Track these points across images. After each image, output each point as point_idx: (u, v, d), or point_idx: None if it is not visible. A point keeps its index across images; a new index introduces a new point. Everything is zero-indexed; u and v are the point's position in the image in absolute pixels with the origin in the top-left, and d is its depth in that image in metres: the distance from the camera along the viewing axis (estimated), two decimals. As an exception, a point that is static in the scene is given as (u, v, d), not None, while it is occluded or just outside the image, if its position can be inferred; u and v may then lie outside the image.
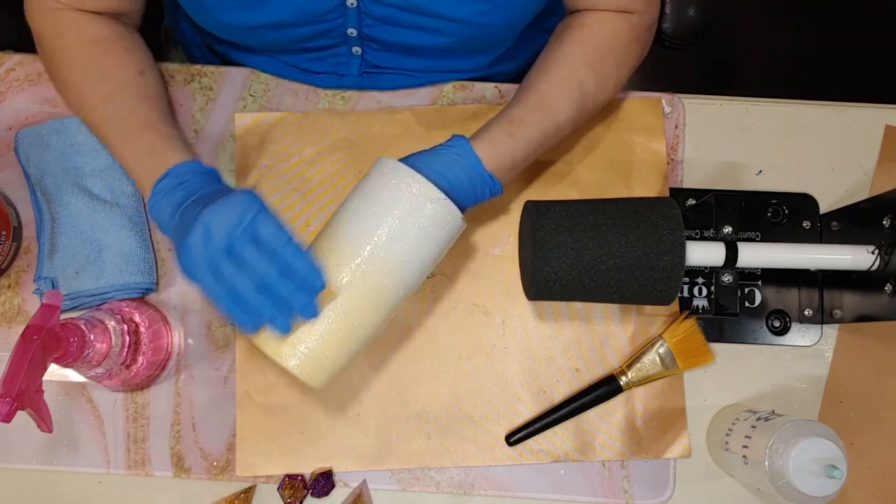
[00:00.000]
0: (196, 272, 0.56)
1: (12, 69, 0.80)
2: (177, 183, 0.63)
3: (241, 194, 0.57)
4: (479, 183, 0.65)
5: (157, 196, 0.63)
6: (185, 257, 0.56)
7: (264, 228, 0.56)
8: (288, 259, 0.56)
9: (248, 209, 0.56)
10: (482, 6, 0.67)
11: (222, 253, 0.55)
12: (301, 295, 0.56)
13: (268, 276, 0.55)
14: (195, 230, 0.55)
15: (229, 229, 0.55)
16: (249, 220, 0.55)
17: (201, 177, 0.64)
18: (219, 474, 0.74)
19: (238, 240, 0.55)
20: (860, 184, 0.80)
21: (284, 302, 0.56)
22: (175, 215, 0.61)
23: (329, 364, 0.61)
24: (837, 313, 0.75)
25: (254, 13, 0.67)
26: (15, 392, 0.55)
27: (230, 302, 0.56)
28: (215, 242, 0.55)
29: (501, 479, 0.74)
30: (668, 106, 0.81)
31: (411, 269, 0.61)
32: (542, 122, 0.67)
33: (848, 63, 1.67)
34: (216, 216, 0.55)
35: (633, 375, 0.73)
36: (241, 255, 0.55)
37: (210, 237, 0.55)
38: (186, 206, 0.61)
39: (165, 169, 0.64)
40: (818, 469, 0.62)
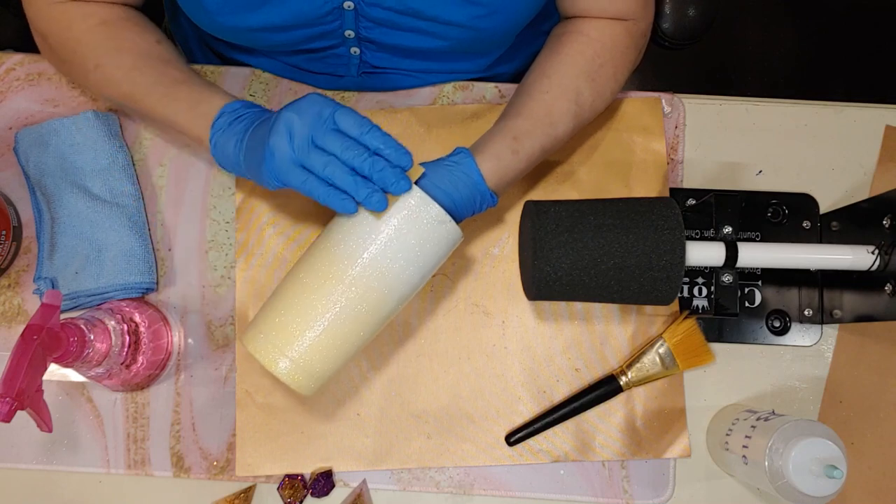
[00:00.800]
0: (286, 170, 0.58)
1: (12, 69, 0.80)
2: (234, 118, 0.64)
3: (314, 95, 0.59)
4: (479, 199, 0.66)
5: (217, 134, 0.64)
6: (270, 160, 0.58)
7: (344, 119, 0.58)
8: (373, 142, 0.58)
9: (326, 105, 0.58)
10: (479, 10, 0.67)
11: (308, 147, 0.57)
12: (392, 170, 0.57)
13: (357, 160, 0.57)
14: (277, 132, 0.57)
15: (311, 124, 0.57)
16: (329, 114, 0.58)
17: (256, 109, 0.65)
18: (219, 474, 0.74)
19: (321, 132, 0.57)
20: (860, 184, 0.80)
21: (377, 180, 0.57)
22: (241, 143, 0.63)
23: (318, 371, 0.60)
24: (837, 313, 0.75)
25: (252, 16, 0.67)
26: (15, 392, 0.55)
27: (325, 190, 0.57)
28: (299, 139, 0.57)
29: (501, 479, 0.74)
30: (668, 106, 0.81)
31: (406, 281, 0.61)
32: (543, 137, 0.68)
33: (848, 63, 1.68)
34: (296, 115, 0.58)
35: (633, 375, 0.73)
36: (328, 145, 0.57)
37: (293, 135, 0.57)
38: (253, 128, 0.62)
39: (217, 110, 0.65)
40: (818, 469, 0.62)
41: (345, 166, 0.57)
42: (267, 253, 0.76)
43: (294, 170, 0.58)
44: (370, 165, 0.57)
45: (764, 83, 1.67)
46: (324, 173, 0.57)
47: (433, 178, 0.64)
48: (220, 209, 0.78)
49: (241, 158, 0.63)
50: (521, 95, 0.70)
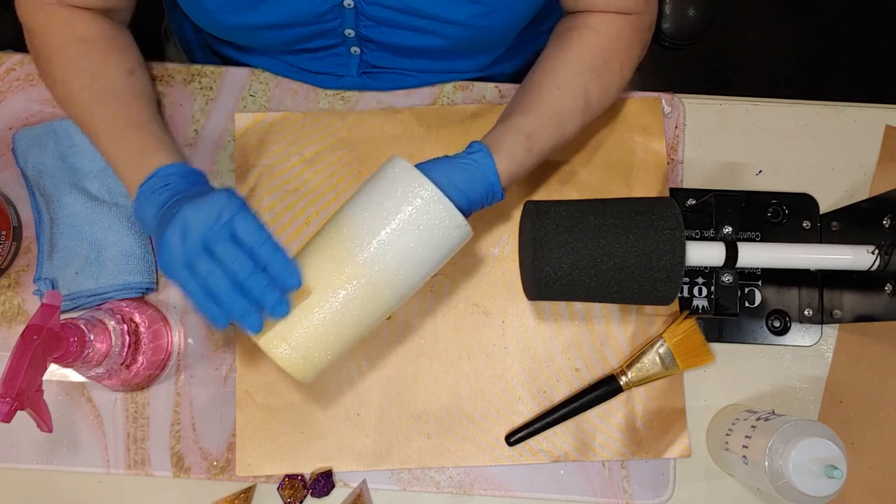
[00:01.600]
0: (172, 268, 0.56)
1: (12, 69, 0.80)
2: (162, 184, 0.63)
3: (221, 193, 0.57)
4: (490, 197, 0.66)
5: (142, 196, 0.63)
6: (162, 253, 0.57)
7: (242, 227, 0.56)
8: (264, 257, 0.56)
9: (227, 207, 0.56)
10: (479, 8, 0.67)
11: (199, 249, 0.56)
12: (273, 292, 0.55)
13: (241, 274, 0.55)
14: (173, 226, 0.56)
15: (206, 226, 0.55)
16: (227, 219, 0.56)
17: (187, 178, 0.64)
18: (219, 474, 0.74)
19: (215, 237, 0.56)
20: (860, 184, 0.80)
21: (256, 299, 0.56)
22: (157, 215, 0.61)
23: (317, 359, 0.60)
24: (837, 313, 0.75)
25: (252, 14, 0.67)
26: (15, 392, 0.55)
27: (202, 297, 0.56)
28: (191, 239, 0.55)
29: (501, 479, 0.74)
30: (668, 106, 0.81)
31: (411, 275, 0.60)
32: (554, 136, 0.68)
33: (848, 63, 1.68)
34: (194, 213, 0.56)
35: (633, 375, 0.73)
36: (217, 252, 0.56)
37: (187, 234, 0.56)
38: (168, 205, 0.61)
39: (152, 169, 0.64)
40: (818, 469, 0.62)
41: (228, 278, 0.55)
42: (267, 253, 0.76)
43: (181, 269, 0.56)
44: (253, 283, 0.55)
45: (764, 83, 1.67)
46: (207, 280, 0.56)
47: (451, 175, 0.63)
48: (220, 209, 0.78)
49: (153, 231, 0.62)
50: (530, 91, 0.70)
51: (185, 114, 0.80)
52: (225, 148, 0.79)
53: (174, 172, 0.64)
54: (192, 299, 0.56)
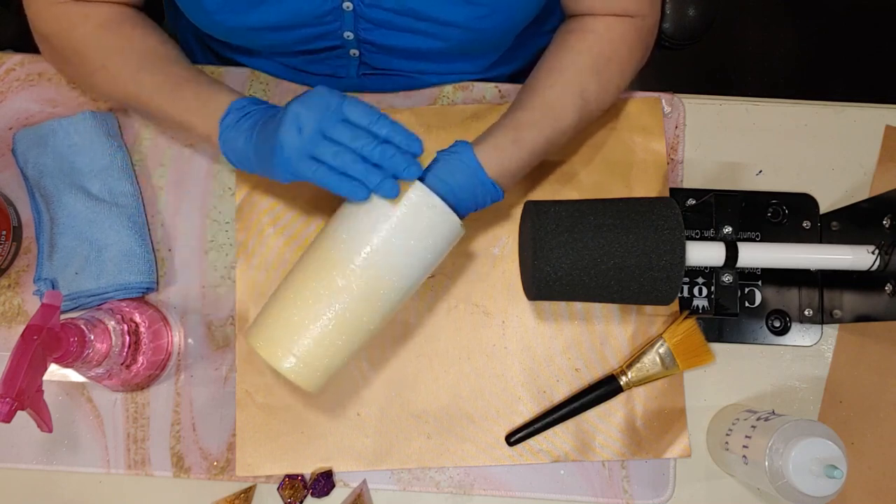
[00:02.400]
0: (296, 162, 0.59)
1: (12, 69, 0.80)
2: (242, 115, 0.65)
3: (323, 87, 0.59)
4: (480, 190, 0.65)
5: (226, 131, 0.65)
6: (281, 153, 0.59)
7: (352, 109, 0.59)
8: (382, 131, 0.58)
9: (334, 95, 0.59)
10: (478, 10, 0.67)
11: (318, 138, 0.58)
12: (403, 158, 0.58)
13: (366, 149, 0.58)
14: (286, 125, 0.58)
15: (319, 116, 0.58)
16: (336, 105, 0.58)
17: (263, 105, 0.66)
18: (219, 474, 0.74)
19: (330, 123, 0.58)
20: (860, 184, 0.80)
21: (388, 167, 0.58)
22: (251, 140, 0.63)
23: (323, 368, 0.60)
24: (837, 313, 0.75)
25: (251, 15, 0.67)
26: (15, 392, 0.55)
27: (336, 179, 0.58)
28: (308, 130, 0.58)
29: (501, 479, 0.74)
30: (668, 106, 0.81)
31: (407, 275, 0.61)
32: (546, 129, 0.68)
33: (848, 63, 1.68)
34: (304, 108, 0.58)
35: (633, 375, 0.73)
36: (336, 136, 0.58)
37: (302, 127, 0.58)
38: (261, 124, 0.63)
39: (224, 108, 0.65)
40: (818, 469, 0.62)
41: (355, 155, 0.58)
42: (267, 253, 0.76)
43: (305, 161, 0.58)
44: (380, 153, 0.58)
45: (764, 83, 1.67)
46: (334, 163, 0.58)
47: (430, 167, 0.65)
48: (220, 209, 0.78)
49: (252, 154, 0.64)
50: (526, 91, 0.70)
51: (185, 114, 0.80)
52: (225, 148, 0.79)
53: (248, 102, 0.66)
54: (325, 183, 0.59)
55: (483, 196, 0.66)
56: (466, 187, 0.64)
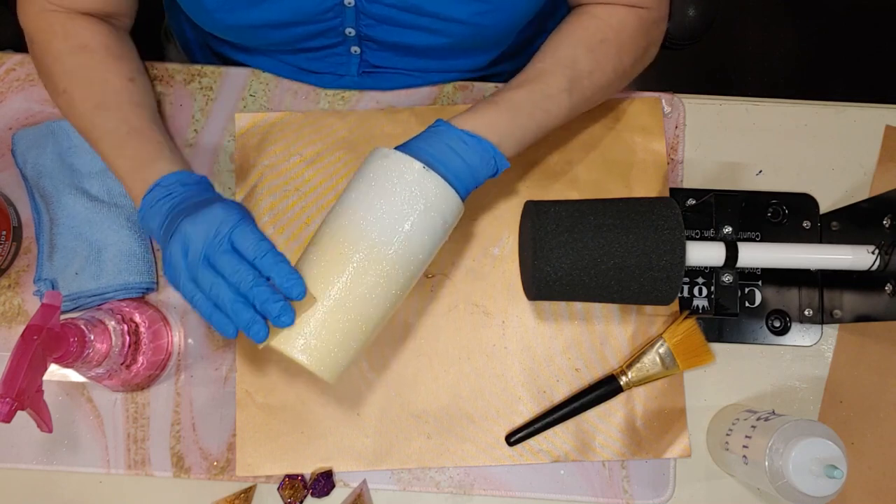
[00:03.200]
0: (177, 280, 0.58)
1: (12, 69, 0.80)
2: (165, 194, 0.63)
3: (220, 206, 0.58)
4: (458, 146, 0.62)
5: (145, 207, 0.64)
6: (167, 267, 0.58)
7: (241, 239, 0.57)
8: (266, 268, 0.56)
9: (225, 221, 0.57)
10: (480, 6, 0.67)
11: (200, 264, 0.57)
12: (276, 302, 0.55)
13: (243, 285, 0.56)
14: (174, 242, 0.57)
15: (206, 241, 0.57)
16: (226, 232, 0.57)
17: (189, 186, 0.64)
18: (219, 474, 0.74)
19: (215, 251, 0.56)
20: (860, 184, 0.80)
21: (262, 308, 0.56)
22: (162, 226, 0.62)
23: (341, 356, 0.59)
24: (837, 313, 0.75)
25: (252, 13, 0.67)
26: (15, 392, 0.55)
27: (209, 309, 0.57)
28: (192, 254, 0.57)
29: (501, 479, 0.74)
30: (668, 106, 0.81)
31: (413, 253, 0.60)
32: (528, 91, 0.66)
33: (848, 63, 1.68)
34: (192, 228, 0.57)
35: (633, 375, 0.73)
36: (219, 265, 0.56)
37: (188, 249, 0.57)
38: (175, 213, 0.61)
39: (154, 179, 0.64)
40: (818, 469, 0.62)
41: (232, 289, 0.56)
42: (267, 253, 0.76)
43: (186, 283, 0.57)
44: (256, 294, 0.55)
45: (764, 83, 1.67)
46: (209, 293, 0.56)
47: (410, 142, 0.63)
48: (220, 209, 0.78)
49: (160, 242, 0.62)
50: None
51: (185, 114, 0.80)
52: (225, 148, 0.79)
53: (176, 181, 0.64)
54: (199, 311, 0.57)
55: (467, 152, 0.62)
56: (445, 148, 0.62)
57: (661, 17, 0.73)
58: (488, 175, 0.64)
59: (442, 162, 0.61)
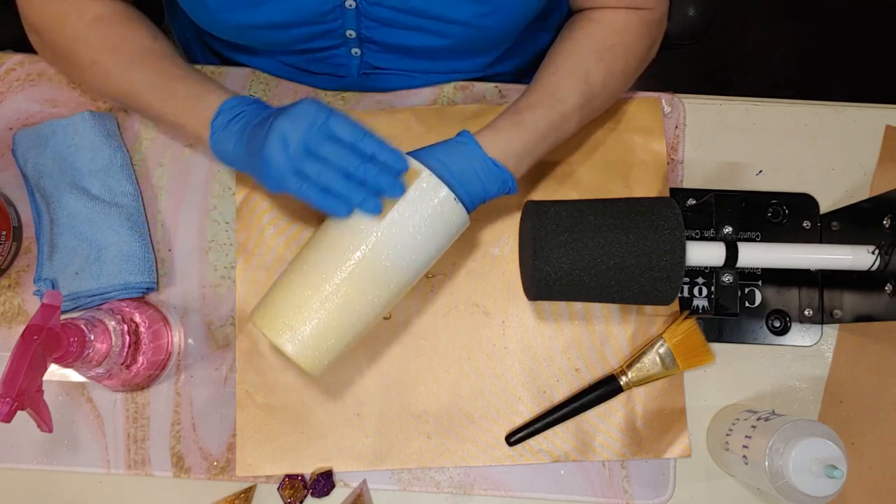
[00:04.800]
0: (282, 178, 0.59)
1: (12, 69, 0.80)
2: (232, 116, 0.65)
3: (308, 101, 0.59)
4: (484, 172, 0.65)
5: (217, 133, 0.65)
6: (267, 168, 0.59)
7: (338, 126, 0.58)
8: (367, 148, 0.58)
9: (319, 111, 0.58)
10: (482, 8, 0.67)
11: (303, 154, 0.58)
12: (387, 176, 0.58)
13: (351, 166, 0.58)
14: (271, 140, 0.58)
15: (305, 132, 0.58)
16: (322, 121, 0.58)
17: (253, 106, 0.66)
18: (219, 474, 0.74)
19: (315, 139, 0.58)
20: (860, 184, 0.80)
21: (371, 185, 0.58)
22: (240, 143, 0.63)
23: (328, 350, 0.61)
24: (837, 313, 0.75)
25: (253, 13, 0.67)
26: (15, 392, 0.55)
27: (320, 196, 0.58)
28: (294, 146, 0.58)
29: (501, 479, 0.74)
30: (668, 106, 0.81)
31: (413, 259, 0.62)
32: (549, 110, 0.67)
33: (848, 63, 1.68)
34: (290, 123, 0.58)
35: (633, 375, 0.73)
36: (321, 152, 0.58)
37: (287, 143, 0.58)
38: (252, 128, 0.62)
39: (216, 107, 0.65)
40: (818, 469, 0.62)
41: (340, 172, 0.58)
42: (267, 253, 0.76)
43: (290, 177, 0.58)
44: (364, 171, 0.58)
45: (764, 83, 1.67)
46: (319, 180, 0.58)
47: (432, 151, 0.65)
48: (220, 209, 0.78)
49: (243, 157, 0.64)
50: (530, 82, 0.71)
51: (185, 114, 0.80)
52: (225, 148, 0.79)
53: (239, 103, 0.66)
54: (310, 200, 0.59)
55: (488, 178, 0.65)
56: (469, 170, 0.64)
57: (662, 16, 0.74)
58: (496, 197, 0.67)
59: (464, 185, 0.64)
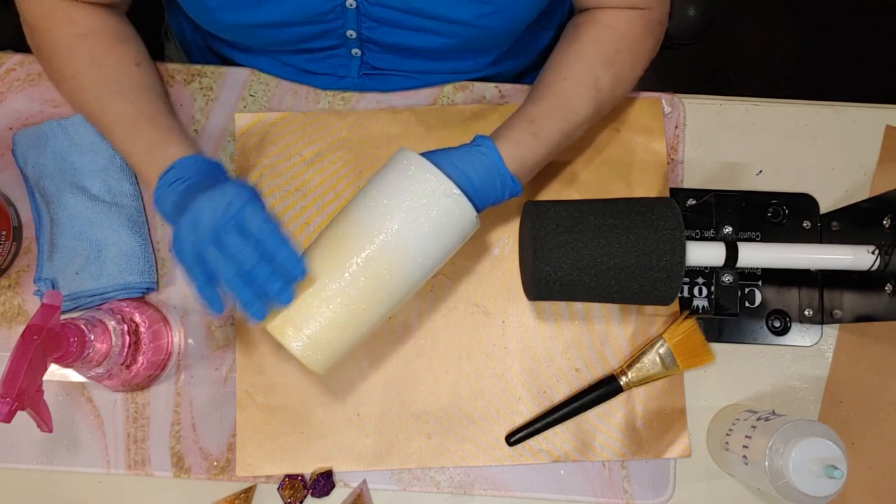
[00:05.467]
0: (182, 256, 0.59)
1: (12, 69, 0.80)
2: (178, 176, 0.64)
3: (232, 185, 0.58)
4: (499, 183, 0.65)
5: (161, 189, 0.64)
6: (175, 241, 0.59)
7: (251, 218, 0.57)
8: (270, 247, 0.57)
9: (237, 198, 0.58)
10: (483, 8, 0.67)
11: (209, 239, 0.57)
12: (277, 281, 0.57)
13: (247, 263, 0.57)
14: (186, 217, 0.58)
15: (216, 217, 0.57)
16: (237, 210, 0.57)
17: (203, 170, 0.65)
18: (219, 474, 0.74)
19: (224, 228, 0.57)
20: (860, 184, 0.80)
21: (261, 288, 0.57)
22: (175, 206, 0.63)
23: (332, 349, 0.61)
24: (837, 313, 0.75)
25: (253, 13, 0.67)
26: (15, 392, 0.55)
27: (203, 282, 0.58)
28: (202, 229, 0.57)
29: (501, 479, 0.74)
30: (668, 106, 0.81)
31: (421, 263, 0.61)
32: (562, 121, 0.68)
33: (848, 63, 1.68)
34: (204, 204, 0.58)
35: (633, 375, 0.73)
36: (226, 242, 0.57)
37: (198, 224, 0.57)
38: (185, 195, 0.62)
39: (169, 163, 0.65)
40: (818, 469, 0.62)
41: (234, 267, 0.57)
42: (267, 253, 0.76)
43: (189, 257, 0.58)
44: (257, 272, 0.57)
45: (764, 83, 1.67)
46: (213, 268, 0.57)
47: (452, 157, 0.64)
48: (220, 209, 0.78)
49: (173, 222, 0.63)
50: (539, 86, 0.70)
51: (185, 114, 0.80)
52: (225, 148, 0.79)
53: (191, 164, 0.65)
54: (193, 285, 0.58)
55: (502, 189, 0.66)
56: (486, 179, 0.64)
57: (664, 15, 0.74)
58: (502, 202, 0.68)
59: (480, 196, 0.64)
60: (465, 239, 0.64)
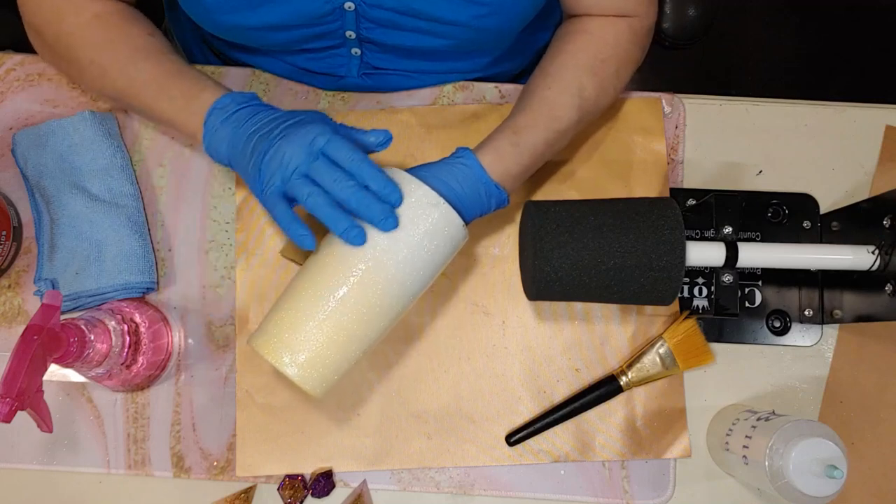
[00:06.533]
0: (266, 195, 0.59)
1: (12, 69, 0.80)
2: (225, 116, 0.64)
3: (313, 123, 0.59)
4: (484, 193, 0.65)
5: (209, 135, 0.65)
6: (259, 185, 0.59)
7: (339, 150, 0.58)
8: (364, 177, 0.58)
9: (322, 134, 0.58)
10: (480, 10, 0.67)
11: (299, 174, 0.57)
12: (381, 207, 0.57)
13: (343, 192, 0.57)
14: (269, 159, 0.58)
15: (303, 153, 0.57)
16: (324, 144, 0.58)
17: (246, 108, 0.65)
18: (219, 474, 0.74)
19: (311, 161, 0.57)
20: (860, 184, 0.80)
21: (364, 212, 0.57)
22: (233, 146, 0.63)
23: (329, 372, 0.60)
24: (837, 313, 0.75)
25: (252, 15, 0.67)
26: (15, 392, 0.55)
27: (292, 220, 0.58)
28: (290, 167, 0.57)
29: (501, 479, 0.74)
30: (668, 106, 0.81)
31: (413, 278, 0.61)
32: (545, 130, 0.68)
33: (848, 63, 1.67)
34: (289, 144, 0.58)
35: (633, 375, 0.73)
36: (319, 174, 0.57)
37: (285, 160, 0.58)
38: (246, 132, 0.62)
39: (207, 107, 0.65)
40: (818, 469, 0.62)
41: (328, 199, 0.57)
42: (267, 253, 0.76)
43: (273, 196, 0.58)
44: (357, 200, 0.57)
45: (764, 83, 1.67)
46: (306, 203, 0.57)
47: (434, 170, 0.64)
48: (220, 209, 0.78)
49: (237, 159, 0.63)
50: (524, 95, 0.70)
51: (185, 114, 0.80)
52: (225, 148, 0.79)
53: (231, 101, 0.65)
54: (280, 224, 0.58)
55: (487, 199, 0.66)
56: (469, 190, 0.64)
57: (652, 24, 0.75)
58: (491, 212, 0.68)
59: (467, 207, 0.64)
60: (456, 250, 0.64)
